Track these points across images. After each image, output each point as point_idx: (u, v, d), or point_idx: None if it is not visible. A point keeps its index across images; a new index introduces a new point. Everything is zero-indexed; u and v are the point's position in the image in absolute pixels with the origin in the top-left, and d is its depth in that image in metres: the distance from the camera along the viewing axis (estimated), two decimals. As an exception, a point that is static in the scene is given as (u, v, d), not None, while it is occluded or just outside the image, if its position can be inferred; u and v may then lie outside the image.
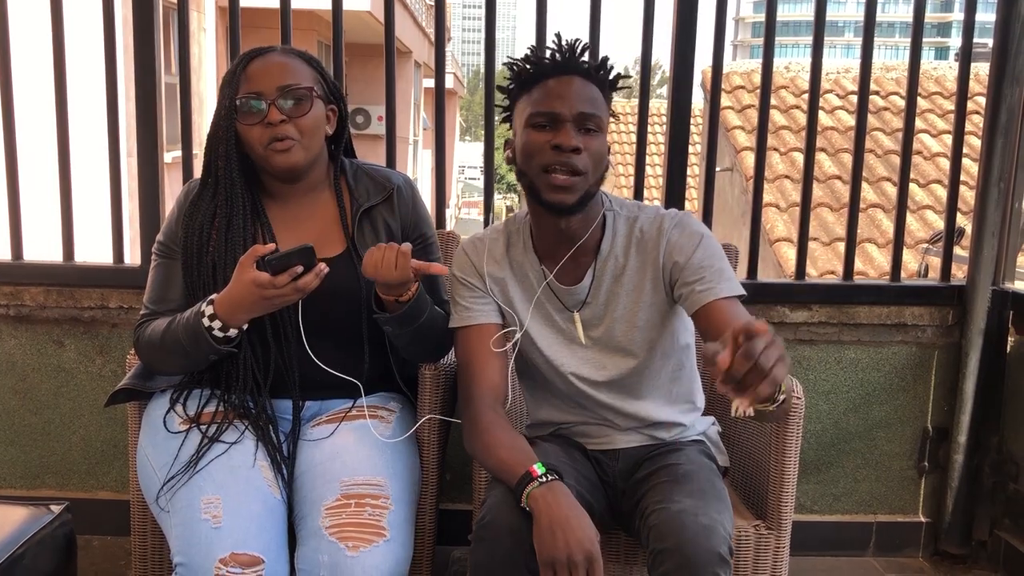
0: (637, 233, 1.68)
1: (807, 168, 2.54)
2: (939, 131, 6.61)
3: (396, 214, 1.77)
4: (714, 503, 1.50)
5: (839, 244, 5.45)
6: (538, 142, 1.56)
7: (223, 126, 1.65)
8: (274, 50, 1.68)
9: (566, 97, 1.56)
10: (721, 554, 1.41)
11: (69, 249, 2.48)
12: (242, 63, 1.65)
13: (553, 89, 1.57)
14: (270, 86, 1.62)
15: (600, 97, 1.60)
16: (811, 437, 2.54)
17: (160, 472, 1.58)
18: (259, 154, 1.65)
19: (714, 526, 1.43)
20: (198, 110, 8.68)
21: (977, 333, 2.46)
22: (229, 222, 1.67)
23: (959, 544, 2.54)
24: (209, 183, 1.69)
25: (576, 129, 1.56)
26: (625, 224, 1.69)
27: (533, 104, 1.58)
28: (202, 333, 1.56)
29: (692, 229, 1.65)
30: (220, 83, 1.68)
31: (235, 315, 1.55)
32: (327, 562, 1.45)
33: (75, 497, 2.46)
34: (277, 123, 1.61)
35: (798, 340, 2.50)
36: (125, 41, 2.44)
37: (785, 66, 7.28)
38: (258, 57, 1.66)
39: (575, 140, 1.54)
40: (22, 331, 2.48)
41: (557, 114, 1.55)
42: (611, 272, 1.68)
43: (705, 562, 1.39)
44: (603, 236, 1.68)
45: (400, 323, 1.63)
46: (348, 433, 1.66)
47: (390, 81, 2.46)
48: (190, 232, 1.68)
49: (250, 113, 1.62)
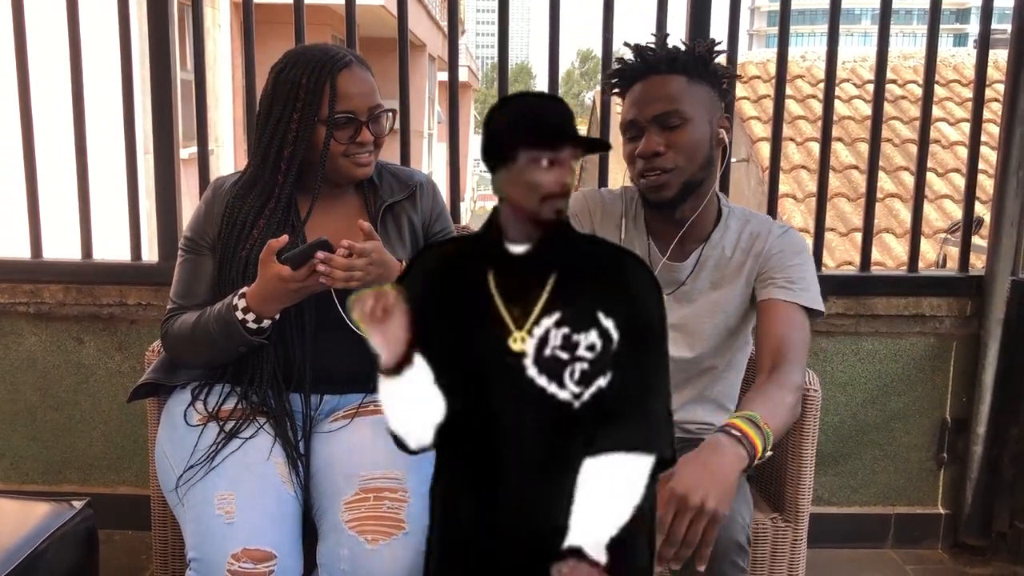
0: (747, 233, 1.73)
1: (823, 158, 2.52)
2: (957, 119, 6.55)
3: (418, 210, 1.81)
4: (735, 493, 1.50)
5: (856, 234, 5.41)
6: (628, 154, 1.65)
7: (295, 131, 1.66)
8: (354, 61, 1.69)
9: (642, 102, 1.63)
10: (739, 542, 1.43)
11: (87, 247, 2.50)
12: (331, 72, 1.65)
13: (634, 96, 1.65)
14: (363, 105, 1.67)
15: (683, 86, 1.63)
16: (829, 429, 2.53)
17: (177, 467, 1.60)
18: (338, 164, 1.68)
19: (733, 515, 1.44)
20: (213, 106, 8.75)
21: (996, 323, 2.44)
22: (278, 224, 1.69)
23: (978, 536, 2.52)
24: (258, 181, 1.71)
25: (658, 130, 1.62)
26: (737, 222, 1.75)
27: (623, 116, 1.67)
28: (235, 325, 1.59)
29: (797, 241, 1.72)
30: (286, 83, 1.66)
31: (267, 306, 1.59)
32: (347, 556, 1.46)
33: (96, 492, 2.49)
34: (367, 142, 1.68)
35: (815, 332, 2.48)
36: (140, 38, 2.46)
37: (801, 55, 7.22)
38: (345, 69, 1.66)
39: (654, 144, 1.61)
40: (42, 328, 2.50)
41: (637, 122, 1.63)
42: (715, 262, 1.73)
43: (724, 549, 1.40)
44: (716, 227, 1.74)
45: None
46: (365, 427, 1.67)
47: (404, 75, 2.46)
48: (229, 227, 1.70)
49: (342, 130, 1.66)
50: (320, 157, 1.67)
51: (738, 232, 1.74)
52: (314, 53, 1.68)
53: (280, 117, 1.67)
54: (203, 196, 1.79)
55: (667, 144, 1.61)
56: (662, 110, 1.61)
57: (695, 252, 1.74)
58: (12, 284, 2.46)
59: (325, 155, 1.67)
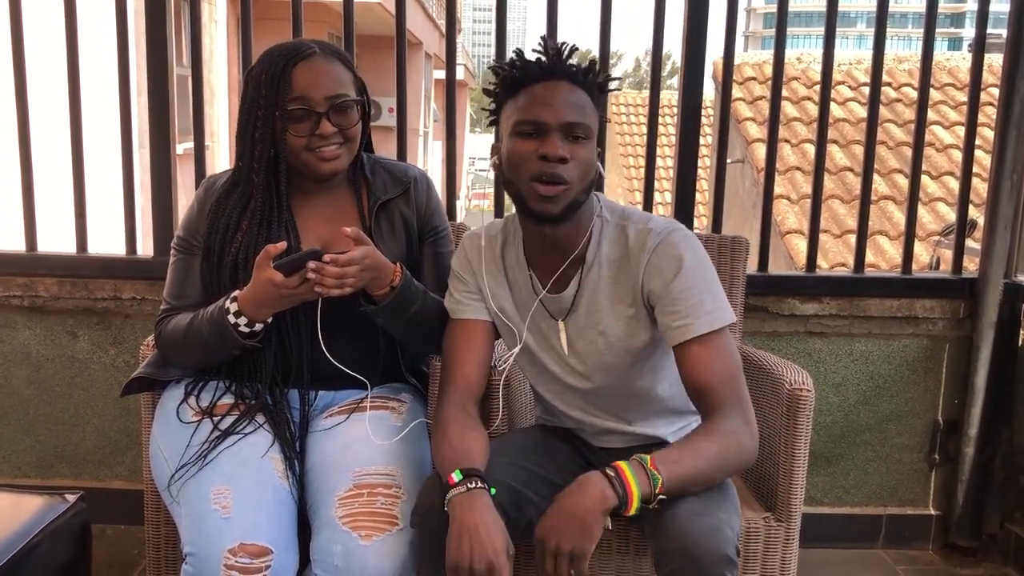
0: (622, 245, 1.61)
1: (818, 160, 2.53)
2: (952, 123, 6.57)
3: (412, 206, 1.79)
4: (721, 502, 1.47)
5: (850, 236, 5.42)
6: (524, 151, 1.51)
7: (260, 128, 1.64)
8: (315, 52, 1.64)
9: (552, 104, 1.50)
10: (728, 555, 1.38)
11: (83, 241, 2.50)
12: (286, 66, 1.61)
13: (539, 95, 1.52)
14: (319, 96, 1.61)
15: (588, 103, 1.54)
16: (821, 430, 2.53)
17: (172, 462, 1.60)
18: (303, 159, 1.65)
19: (720, 527, 1.41)
20: (210, 102, 8.73)
21: (988, 326, 2.45)
22: (259, 223, 1.67)
23: (969, 537, 2.54)
24: (240, 181, 1.69)
25: (563, 137, 1.50)
26: (613, 232, 1.63)
27: (519, 111, 1.52)
28: (227, 329, 1.58)
29: (673, 253, 1.55)
30: (251, 80, 1.65)
31: (259, 311, 1.58)
32: (340, 551, 1.46)
33: (89, 486, 2.48)
34: (328, 135, 1.62)
35: (809, 332, 2.50)
36: (137, 33, 2.46)
37: (797, 57, 7.24)
38: (303, 61, 1.62)
39: (561, 149, 1.49)
40: (36, 322, 2.50)
41: (543, 122, 1.50)
42: (594, 282, 1.63)
43: (711, 564, 1.37)
44: (589, 244, 1.62)
45: (391, 313, 1.64)
46: (360, 423, 1.67)
47: (401, 73, 2.46)
48: (214, 230, 1.69)
49: (300, 123, 1.62)
50: (280, 152, 1.64)
51: (613, 244, 1.62)
52: (281, 48, 1.65)
53: (248, 115, 1.65)
54: (196, 194, 1.78)
55: (570, 154, 1.50)
56: (575, 119, 1.50)
57: (574, 279, 1.63)
58: (6, 277, 2.46)
59: (282, 149, 1.63)
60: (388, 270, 1.61)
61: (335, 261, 1.52)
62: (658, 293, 1.56)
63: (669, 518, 1.42)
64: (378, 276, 1.60)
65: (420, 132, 14.72)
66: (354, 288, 1.56)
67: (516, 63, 1.55)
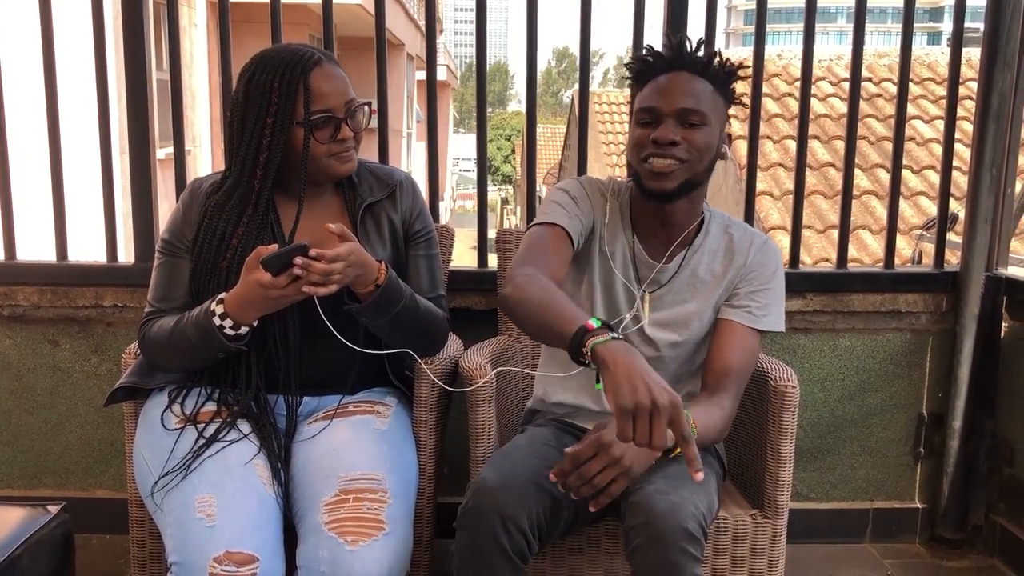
0: (727, 240, 1.77)
1: (800, 156, 2.54)
2: (932, 117, 6.61)
3: (398, 208, 1.80)
4: (689, 484, 1.51)
5: (833, 231, 5.44)
6: (641, 137, 1.65)
7: (270, 136, 1.63)
8: (323, 58, 1.66)
9: (669, 93, 1.64)
10: (688, 529, 1.44)
11: (63, 248, 2.48)
12: (302, 74, 1.62)
13: (659, 86, 1.66)
14: (339, 102, 1.65)
15: (708, 91, 1.66)
16: (807, 425, 2.54)
17: (155, 470, 1.59)
18: (323, 164, 1.67)
19: (683, 503, 1.47)
20: (190, 106, 8.68)
21: (971, 319, 2.47)
22: (258, 229, 1.67)
23: (955, 529, 2.55)
24: (237, 189, 1.68)
25: (677, 123, 1.63)
26: (718, 228, 1.79)
27: (640, 100, 1.68)
28: (213, 331, 1.58)
29: (775, 256, 1.77)
30: (256, 88, 1.63)
31: (245, 313, 1.58)
32: (327, 557, 1.45)
33: (73, 496, 2.46)
34: (348, 139, 1.66)
35: (793, 328, 2.51)
36: (115, 37, 2.44)
37: (777, 54, 7.27)
38: (316, 68, 1.63)
39: (672, 134, 1.62)
40: (17, 331, 2.47)
41: (658, 110, 1.64)
42: (696, 266, 1.76)
43: (673, 537, 1.43)
44: (699, 232, 1.77)
45: (376, 311, 1.64)
46: (344, 429, 1.67)
47: (382, 74, 2.45)
48: (207, 237, 1.67)
49: (321, 129, 1.64)
50: (301, 159, 1.65)
51: (719, 238, 1.78)
52: (283, 54, 1.65)
53: (255, 123, 1.64)
54: (180, 197, 1.77)
55: (683, 138, 1.64)
56: (688, 106, 1.63)
57: (679, 256, 1.76)
58: (-14, 287, 2.43)
59: (306, 157, 1.65)
60: (373, 268, 1.61)
61: (321, 256, 1.52)
62: (747, 286, 1.74)
63: (638, 499, 1.49)
64: (363, 274, 1.60)
65: (403, 133, 14.69)
66: (340, 284, 1.56)
67: (643, 57, 1.72)
